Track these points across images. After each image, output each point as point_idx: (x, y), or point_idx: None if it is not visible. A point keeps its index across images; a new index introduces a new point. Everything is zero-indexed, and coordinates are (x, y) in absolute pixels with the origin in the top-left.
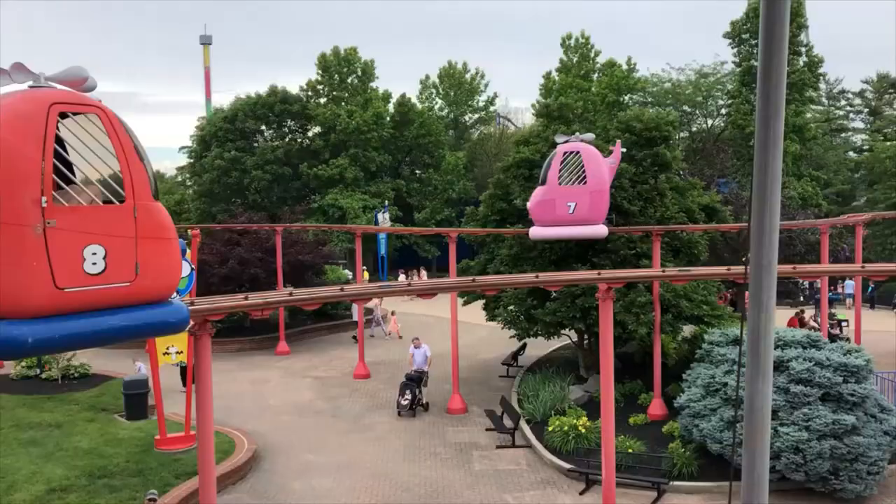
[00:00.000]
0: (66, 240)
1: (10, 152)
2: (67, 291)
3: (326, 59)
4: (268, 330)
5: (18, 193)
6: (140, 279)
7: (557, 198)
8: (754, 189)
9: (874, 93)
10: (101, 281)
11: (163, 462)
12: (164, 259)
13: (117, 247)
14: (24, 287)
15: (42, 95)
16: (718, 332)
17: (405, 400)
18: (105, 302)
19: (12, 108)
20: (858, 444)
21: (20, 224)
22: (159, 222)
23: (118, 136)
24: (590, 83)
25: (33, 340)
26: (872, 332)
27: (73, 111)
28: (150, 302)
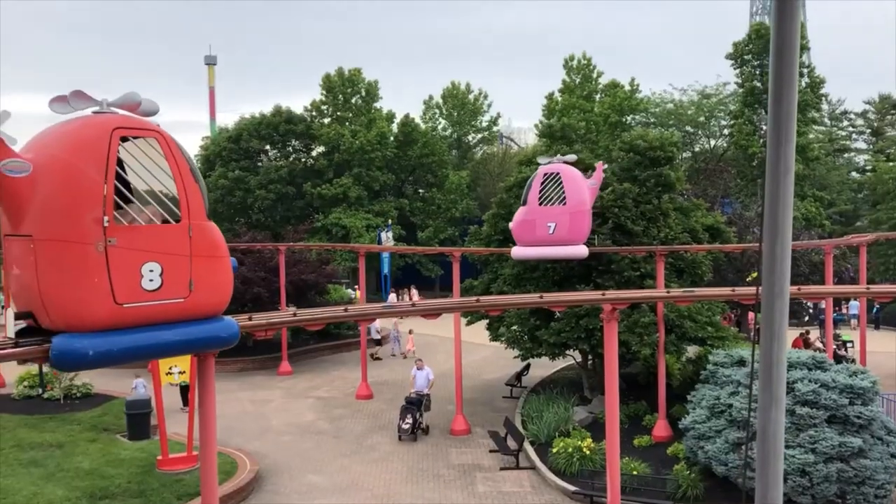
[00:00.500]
0: (126, 257)
1: (75, 174)
2: (126, 307)
3: (331, 79)
4: (270, 350)
5: (82, 213)
6: (194, 295)
7: (538, 218)
8: (766, 216)
9: (876, 113)
10: (158, 297)
11: (165, 483)
12: (217, 276)
13: (173, 264)
14: (86, 302)
15: (105, 121)
16: (723, 353)
17: (406, 424)
18: (161, 317)
19: (77, 133)
20: (865, 467)
21: (83, 242)
22: (212, 241)
23: (175, 159)
24: (592, 104)
25: (94, 353)
26: (877, 353)
27: (133, 135)
28: (202, 317)
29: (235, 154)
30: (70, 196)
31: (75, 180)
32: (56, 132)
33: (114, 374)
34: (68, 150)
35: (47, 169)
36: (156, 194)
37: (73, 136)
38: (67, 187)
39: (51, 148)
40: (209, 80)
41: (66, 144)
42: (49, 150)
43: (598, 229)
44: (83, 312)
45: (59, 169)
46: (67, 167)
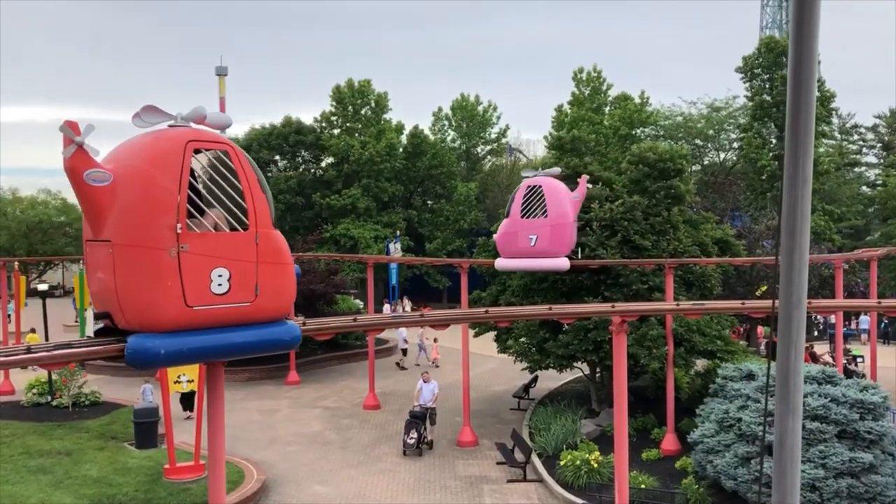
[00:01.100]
0: (197, 263)
1: (152, 184)
2: (196, 309)
3: (341, 90)
4: (278, 359)
5: (157, 220)
6: (259, 300)
7: (520, 230)
8: (784, 226)
9: (887, 127)
10: (226, 300)
11: (172, 492)
12: (281, 282)
13: (240, 270)
14: (160, 304)
15: (179, 134)
16: (732, 367)
17: (411, 439)
18: (228, 320)
19: (154, 145)
20: (876, 482)
21: (157, 248)
22: (277, 248)
23: (244, 170)
24: (602, 116)
25: (165, 352)
26: (888, 367)
27: (205, 148)
28: (266, 321)
29: None
30: (146, 204)
31: (151, 189)
32: (134, 144)
33: (122, 383)
34: (145, 161)
35: (126, 179)
36: (225, 203)
37: (150, 148)
38: (144, 196)
39: (129, 159)
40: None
41: (144, 156)
42: (128, 161)
43: (606, 242)
44: (156, 314)
45: (137, 179)
46: (144, 177)
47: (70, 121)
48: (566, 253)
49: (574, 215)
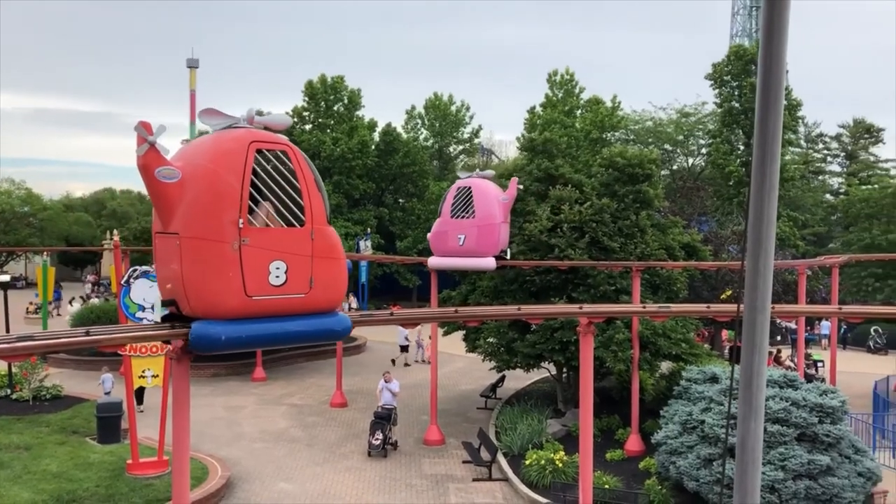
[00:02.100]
0: (256, 256)
1: (217, 181)
2: (255, 299)
3: (313, 86)
4: (244, 356)
5: (221, 215)
6: (313, 292)
7: (450, 230)
8: (750, 233)
9: (850, 137)
10: (282, 291)
11: (134, 487)
12: (334, 275)
13: (296, 263)
14: (222, 293)
15: (243, 135)
16: (696, 370)
17: (376, 440)
18: (284, 309)
19: (219, 145)
20: (833, 485)
21: (221, 241)
22: (331, 244)
23: (301, 170)
24: (574, 119)
25: (226, 338)
26: (846, 372)
27: (267, 148)
28: (320, 312)
29: None
30: (211, 200)
31: (216, 186)
32: (202, 143)
33: (85, 377)
34: (211, 159)
35: (193, 176)
36: (284, 200)
37: (216, 148)
38: (210, 192)
39: (197, 157)
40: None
41: (210, 154)
42: (195, 159)
43: (576, 243)
44: (218, 302)
45: (204, 176)
46: (210, 174)
47: (144, 121)
48: (494, 253)
49: (503, 216)
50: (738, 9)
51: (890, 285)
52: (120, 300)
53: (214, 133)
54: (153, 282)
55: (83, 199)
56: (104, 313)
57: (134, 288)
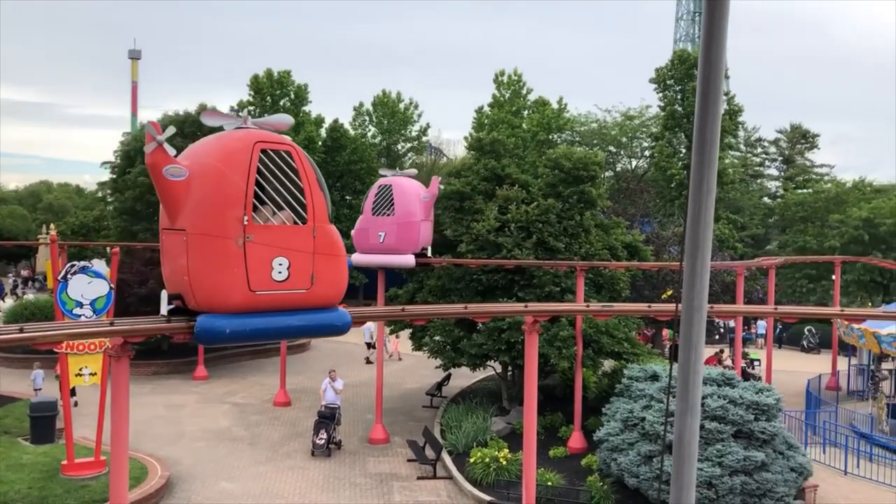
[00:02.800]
0: (260, 252)
1: (223, 179)
2: (258, 294)
3: (259, 80)
4: (185, 353)
5: (226, 212)
6: (314, 287)
7: (371, 227)
8: (687, 234)
9: (787, 142)
10: (285, 287)
11: (69, 489)
12: (335, 272)
13: (298, 260)
14: (226, 288)
15: (248, 135)
16: (638, 368)
17: (320, 440)
18: (286, 304)
19: (225, 144)
20: (767, 480)
21: (226, 237)
22: (332, 241)
23: (304, 169)
24: (521, 119)
25: (230, 331)
26: (781, 371)
27: (271, 148)
28: (320, 307)
29: None
30: (217, 198)
31: (222, 184)
32: (208, 143)
33: (17, 375)
34: (218, 158)
35: (200, 174)
36: (287, 199)
37: (222, 147)
38: (215, 190)
39: (203, 156)
40: (132, 74)
41: (216, 154)
42: (202, 158)
43: (522, 243)
44: (223, 296)
45: (210, 174)
46: (216, 173)
47: (153, 121)
48: (413, 250)
49: (424, 214)
50: (681, 14)
51: (822, 286)
52: (57, 296)
53: (221, 133)
54: (92, 277)
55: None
56: (39, 309)
57: (72, 284)
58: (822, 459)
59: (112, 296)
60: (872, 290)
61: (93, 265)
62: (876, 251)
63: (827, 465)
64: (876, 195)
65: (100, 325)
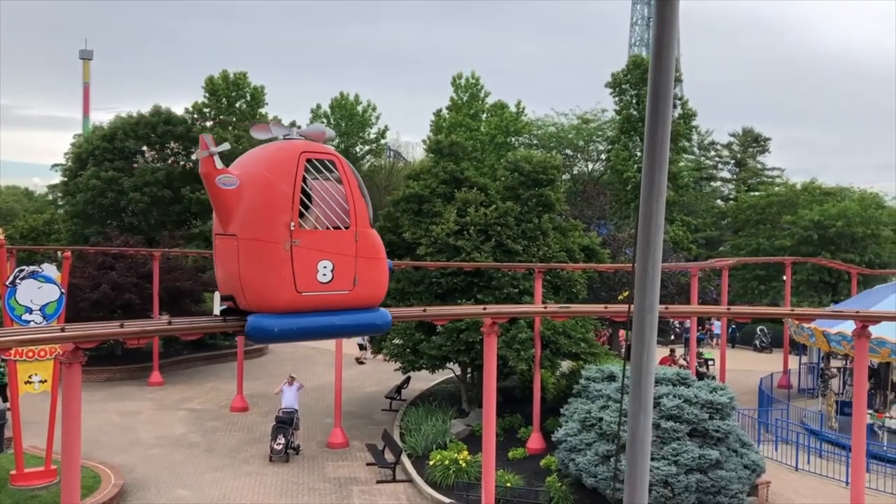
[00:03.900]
0: (306, 256)
1: (271, 187)
2: (304, 295)
3: (214, 82)
4: (140, 359)
5: (275, 218)
6: (357, 289)
7: None
8: (639, 236)
9: (740, 146)
10: (329, 288)
11: (18, 499)
12: (376, 274)
13: (342, 263)
14: (275, 290)
15: (295, 146)
16: (595, 369)
17: (278, 445)
18: (330, 305)
19: (273, 155)
20: (721, 477)
21: (274, 242)
22: (373, 245)
23: (347, 177)
24: (479, 123)
25: (279, 330)
26: (734, 370)
27: (316, 158)
28: (362, 307)
29: (109, 154)
30: (266, 205)
31: (271, 192)
32: (257, 154)
33: None
34: (266, 168)
35: (250, 183)
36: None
37: (270, 157)
38: (264, 198)
39: (253, 166)
40: (84, 75)
41: (265, 164)
42: (251, 168)
43: (481, 246)
44: (272, 297)
45: (259, 183)
46: (265, 182)
47: (204, 134)
48: None
49: None
50: (636, 19)
51: (774, 287)
52: (4, 302)
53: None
54: (42, 282)
55: None
56: None
57: (20, 289)
58: (774, 456)
59: (63, 301)
60: (821, 289)
61: (43, 270)
62: (825, 252)
63: (779, 461)
64: (825, 197)
65: (50, 331)
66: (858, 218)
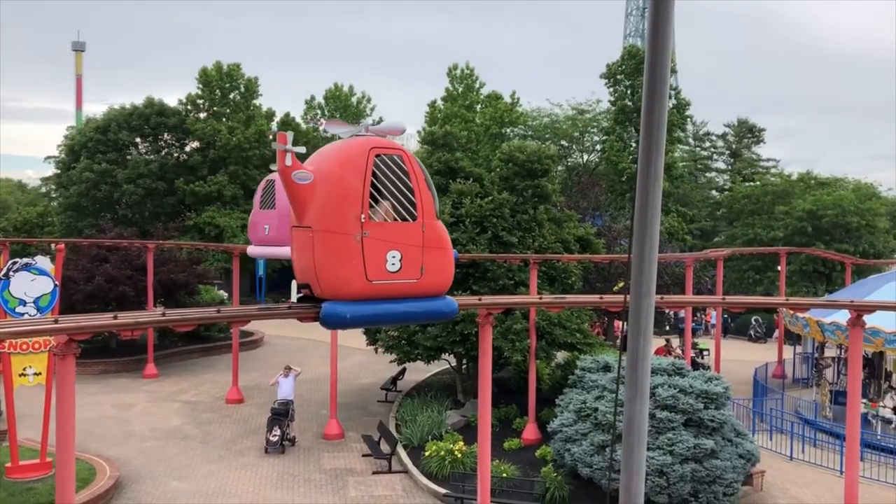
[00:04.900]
0: (375, 246)
1: (343, 182)
2: (374, 283)
3: (208, 73)
4: (135, 351)
5: (346, 211)
6: (423, 278)
7: (259, 220)
8: (636, 221)
9: (734, 136)
10: (397, 277)
11: (13, 492)
12: (442, 264)
13: (409, 253)
14: (347, 279)
15: (365, 142)
16: (590, 359)
17: (273, 437)
18: (398, 293)
19: (345, 151)
20: (716, 466)
21: (346, 233)
22: (439, 235)
23: (414, 171)
24: (474, 114)
25: (351, 316)
26: (729, 360)
27: (385, 153)
28: (429, 296)
29: (102, 146)
30: (338, 199)
31: (342, 187)
32: (330, 150)
33: None
34: (338, 164)
35: (323, 178)
36: (398, 198)
37: (341, 153)
38: (336, 192)
39: (326, 162)
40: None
41: (337, 159)
42: (325, 163)
43: (476, 237)
44: (344, 286)
45: (332, 178)
46: (337, 177)
47: (281, 132)
48: None
49: None
50: (631, 10)
51: (769, 277)
52: None
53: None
54: (35, 275)
55: None
56: None
57: (14, 281)
58: (768, 446)
59: (57, 293)
60: (816, 279)
61: (36, 262)
62: (819, 242)
63: (773, 451)
64: (820, 188)
65: (44, 323)
66: (853, 208)
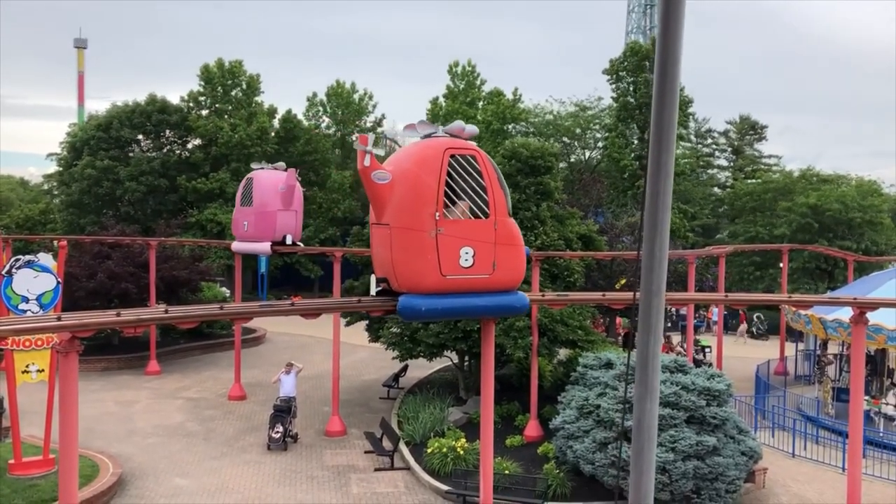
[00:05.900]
0: (449, 243)
1: (419, 182)
2: (448, 278)
3: (210, 70)
4: (137, 348)
5: (423, 209)
6: (495, 273)
7: (240, 217)
8: (646, 218)
9: (736, 133)
10: (470, 272)
11: (17, 489)
12: (513, 260)
13: (482, 249)
14: (422, 273)
15: (440, 143)
16: (592, 356)
17: (276, 433)
18: (471, 287)
19: (421, 152)
20: (719, 464)
21: (422, 230)
22: (511, 233)
23: (486, 171)
24: (475, 110)
25: (426, 309)
26: (731, 357)
27: (459, 154)
28: (500, 290)
29: (105, 143)
30: (415, 197)
31: (419, 186)
32: (408, 151)
33: None
34: (414, 163)
35: (401, 177)
36: (472, 196)
37: (418, 154)
38: (413, 191)
39: (403, 163)
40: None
41: (414, 160)
42: (402, 164)
43: None
44: (420, 280)
45: (408, 178)
46: (414, 176)
47: (362, 134)
48: (270, 238)
49: (282, 204)
50: (633, 6)
51: (770, 274)
52: (1, 291)
53: (417, 142)
54: (38, 272)
55: None
56: None
57: (17, 278)
58: (770, 443)
59: (59, 290)
60: (818, 277)
61: (39, 259)
62: (822, 239)
63: (776, 448)
64: (822, 185)
65: (47, 320)
66: (856, 204)
